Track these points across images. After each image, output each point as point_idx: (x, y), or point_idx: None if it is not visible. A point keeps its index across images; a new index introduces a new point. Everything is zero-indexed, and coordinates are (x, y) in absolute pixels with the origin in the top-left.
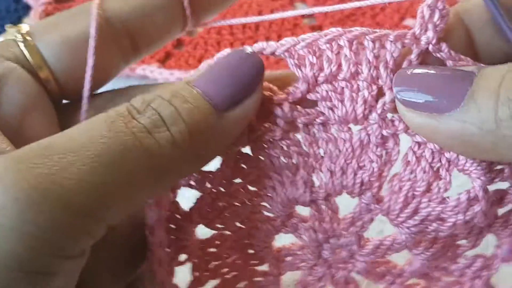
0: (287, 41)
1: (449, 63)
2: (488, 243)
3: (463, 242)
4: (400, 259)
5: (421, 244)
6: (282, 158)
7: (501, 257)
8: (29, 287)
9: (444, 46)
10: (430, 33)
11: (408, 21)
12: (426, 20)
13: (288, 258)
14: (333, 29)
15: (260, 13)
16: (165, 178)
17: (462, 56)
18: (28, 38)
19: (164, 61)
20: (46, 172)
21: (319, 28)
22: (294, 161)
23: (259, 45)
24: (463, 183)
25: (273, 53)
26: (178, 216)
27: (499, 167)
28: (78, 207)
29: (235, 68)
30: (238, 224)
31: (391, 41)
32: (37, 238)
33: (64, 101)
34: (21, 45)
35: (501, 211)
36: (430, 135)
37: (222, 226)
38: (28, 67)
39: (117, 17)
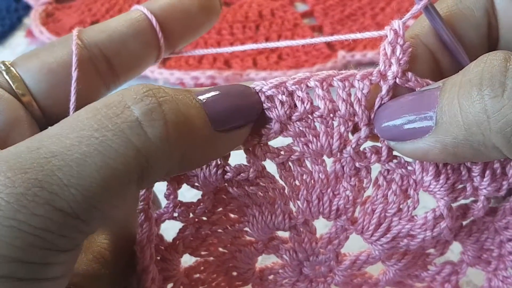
0: (256, 84)
1: (418, 89)
2: (454, 250)
3: (431, 251)
4: (375, 267)
5: (393, 257)
6: (259, 193)
7: (467, 262)
8: (28, 276)
9: (410, 75)
10: (394, 68)
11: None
12: (389, 56)
13: (271, 277)
14: (300, 74)
15: (260, 13)
16: (150, 174)
17: (430, 81)
18: (10, 67)
19: (164, 61)
20: (34, 177)
21: (319, 28)
22: (270, 194)
23: None
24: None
25: None
26: (162, 247)
27: (460, 186)
28: (66, 211)
29: (237, 98)
30: (221, 249)
31: (359, 80)
32: (31, 235)
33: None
34: (4, 73)
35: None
36: (422, 157)
37: (206, 253)
38: (12, 93)
39: (94, 43)
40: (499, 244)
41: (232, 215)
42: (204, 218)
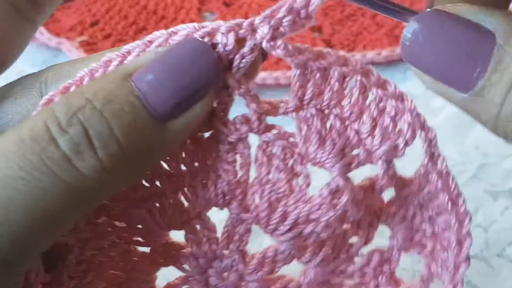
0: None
1: (287, 60)
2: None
3: (354, 240)
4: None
5: (308, 250)
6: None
7: (398, 247)
8: None
9: (280, 42)
10: (265, 29)
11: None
12: (273, 12)
13: None
14: (184, 25)
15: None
16: (92, 205)
17: (303, 48)
18: None
19: None
20: None
21: (318, 28)
22: (158, 184)
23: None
24: None
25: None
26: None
27: (353, 153)
28: None
29: (186, 69)
30: (112, 271)
31: (223, 33)
32: None
33: None
34: None
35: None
36: (448, 99)
37: (98, 280)
38: None
39: None
40: (430, 221)
41: (118, 224)
42: (87, 234)
